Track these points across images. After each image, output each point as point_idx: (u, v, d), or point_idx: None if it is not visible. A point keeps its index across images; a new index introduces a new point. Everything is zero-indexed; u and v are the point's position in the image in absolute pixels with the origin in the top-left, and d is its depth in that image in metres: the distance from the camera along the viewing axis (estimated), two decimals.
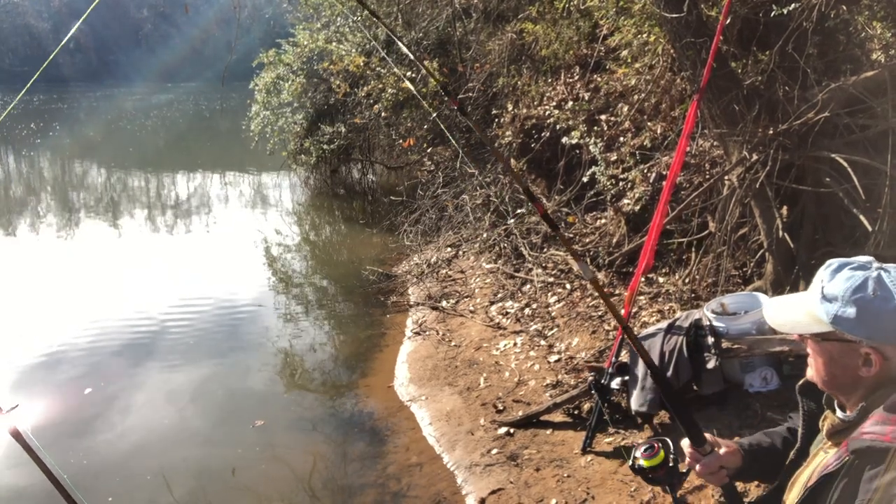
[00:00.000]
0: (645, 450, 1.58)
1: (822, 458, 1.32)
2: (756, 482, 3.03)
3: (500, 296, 6.03)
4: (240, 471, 4.10)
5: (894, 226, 3.68)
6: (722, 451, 1.53)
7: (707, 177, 4.98)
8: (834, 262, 1.30)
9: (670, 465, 1.57)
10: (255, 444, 4.37)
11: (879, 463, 1.13)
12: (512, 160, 7.37)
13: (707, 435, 1.54)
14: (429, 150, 9.60)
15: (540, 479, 3.60)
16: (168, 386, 5.24)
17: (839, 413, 1.32)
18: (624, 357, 3.91)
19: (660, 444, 1.58)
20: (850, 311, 1.22)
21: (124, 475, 4.12)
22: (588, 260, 5.84)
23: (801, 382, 1.47)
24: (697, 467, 1.52)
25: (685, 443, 1.55)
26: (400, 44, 2.52)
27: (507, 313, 5.67)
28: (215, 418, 4.76)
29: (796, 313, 1.32)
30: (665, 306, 4.81)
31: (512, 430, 4.09)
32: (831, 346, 1.28)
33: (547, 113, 6.73)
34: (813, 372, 1.35)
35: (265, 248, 9.34)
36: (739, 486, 3.09)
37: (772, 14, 3.87)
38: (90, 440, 4.51)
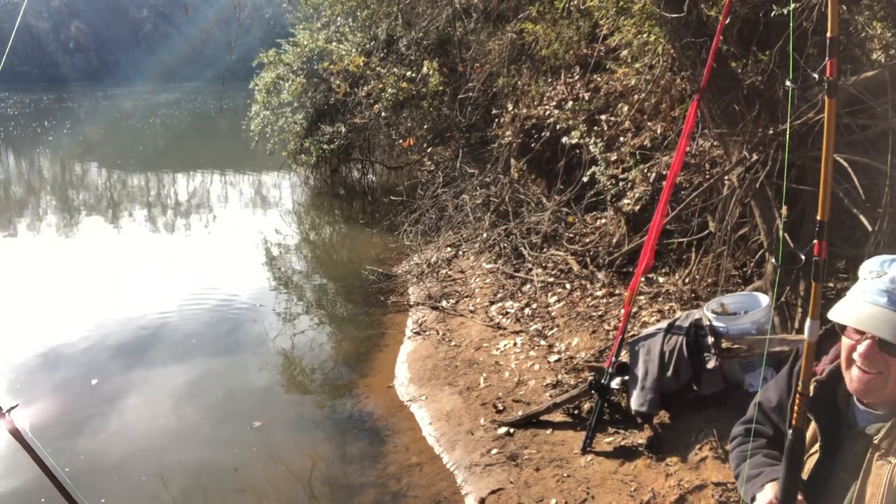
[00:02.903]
0: None
1: (887, 468, 1.28)
2: None
3: (500, 296, 6.03)
4: (238, 471, 4.10)
5: (894, 226, 3.68)
6: (800, 497, 1.41)
7: (707, 177, 4.98)
8: None
9: None
10: (253, 444, 4.36)
11: None
12: (511, 160, 7.38)
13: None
14: (429, 150, 9.61)
15: (540, 478, 3.60)
16: (167, 386, 5.23)
17: None
18: (624, 357, 3.91)
19: None
20: None
21: (120, 475, 4.12)
22: (588, 260, 5.85)
23: (812, 397, 1.43)
24: None
25: (768, 498, 1.42)
26: None
27: (507, 313, 5.67)
28: (214, 418, 4.76)
29: None
30: (665, 306, 4.81)
31: (512, 430, 4.09)
32: None
33: (547, 113, 6.73)
34: (870, 384, 1.29)
35: (265, 247, 9.34)
36: None
37: (772, 14, 3.87)
38: (87, 439, 4.51)
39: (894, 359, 1.26)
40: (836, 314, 1.34)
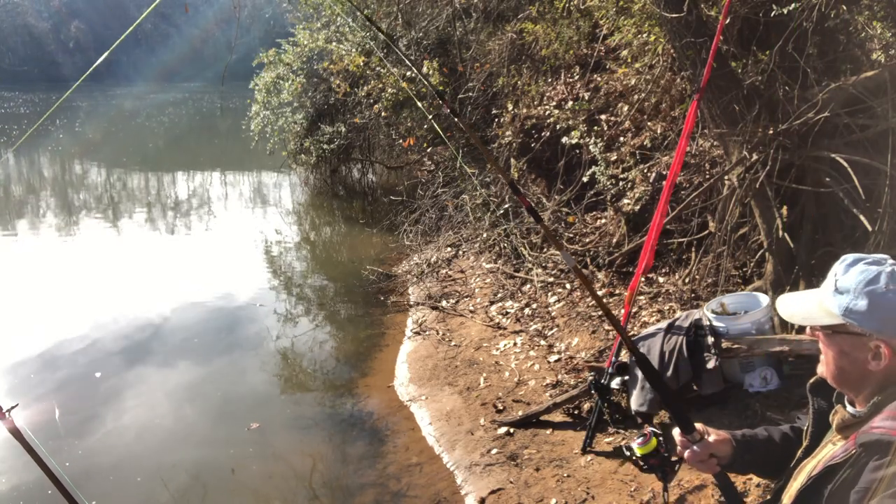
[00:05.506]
0: (639, 438, 1.66)
1: (830, 449, 1.33)
2: (760, 481, 3.03)
3: (500, 296, 6.03)
4: (237, 471, 4.10)
5: (894, 226, 3.68)
6: (711, 438, 1.54)
7: (707, 177, 4.98)
8: (849, 257, 1.31)
9: (663, 453, 1.64)
10: (252, 445, 4.36)
11: (885, 455, 1.14)
12: (511, 160, 7.38)
13: (698, 424, 1.56)
14: (429, 150, 9.60)
15: (540, 478, 3.60)
16: (166, 386, 5.24)
17: (850, 408, 1.32)
18: (624, 357, 3.91)
19: (652, 433, 1.66)
20: (862, 304, 1.23)
21: (117, 476, 4.11)
22: (588, 260, 5.85)
23: (812, 380, 1.47)
24: (686, 454, 1.53)
25: (676, 431, 1.57)
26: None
27: (507, 313, 5.67)
28: (212, 419, 4.75)
29: (809, 305, 1.34)
30: (665, 306, 4.81)
31: (512, 430, 4.09)
32: (841, 340, 1.28)
33: (547, 113, 6.73)
34: (823, 367, 1.35)
35: (265, 247, 9.34)
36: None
37: (772, 14, 3.87)
38: (85, 438, 4.51)
39: (823, 337, 1.33)
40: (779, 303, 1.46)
